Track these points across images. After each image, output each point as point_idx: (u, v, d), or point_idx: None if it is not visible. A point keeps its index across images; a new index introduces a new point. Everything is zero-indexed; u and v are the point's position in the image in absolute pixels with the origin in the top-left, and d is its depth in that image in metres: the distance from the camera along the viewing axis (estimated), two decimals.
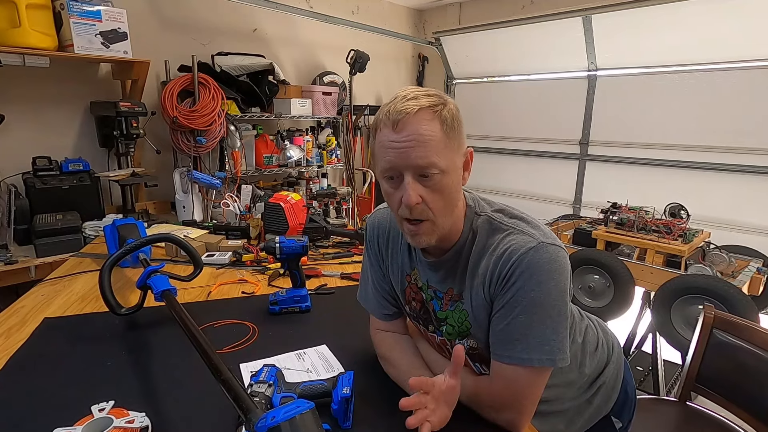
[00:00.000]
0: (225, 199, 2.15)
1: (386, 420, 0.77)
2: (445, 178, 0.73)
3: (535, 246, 0.72)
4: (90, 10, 2.17)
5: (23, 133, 2.36)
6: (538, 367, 0.72)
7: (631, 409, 1.02)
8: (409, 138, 0.71)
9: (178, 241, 1.32)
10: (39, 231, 2.01)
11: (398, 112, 0.71)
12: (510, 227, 0.77)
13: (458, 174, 0.76)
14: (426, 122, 0.71)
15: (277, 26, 3.40)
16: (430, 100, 0.72)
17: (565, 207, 3.60)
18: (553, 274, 0.72)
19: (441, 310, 0.85)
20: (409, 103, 0.72)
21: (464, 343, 0.83)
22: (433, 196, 0.73)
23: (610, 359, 0.97)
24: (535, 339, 0.71)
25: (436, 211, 0.74)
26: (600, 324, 1.01)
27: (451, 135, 0.73)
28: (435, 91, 0.75)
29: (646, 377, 2.29)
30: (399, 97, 0.74)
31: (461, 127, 0.75)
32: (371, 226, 0.96)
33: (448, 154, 0.72)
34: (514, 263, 0.72)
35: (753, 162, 2.68)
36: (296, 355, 0.97)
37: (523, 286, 0.71)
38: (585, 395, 0.94)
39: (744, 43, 2.61)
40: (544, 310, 0.72)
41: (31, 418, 0.75)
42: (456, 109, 0.75)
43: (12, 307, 1.18)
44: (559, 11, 3.12)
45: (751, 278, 2.15)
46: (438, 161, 0.71)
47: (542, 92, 3.65)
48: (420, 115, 0.71)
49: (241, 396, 0.61)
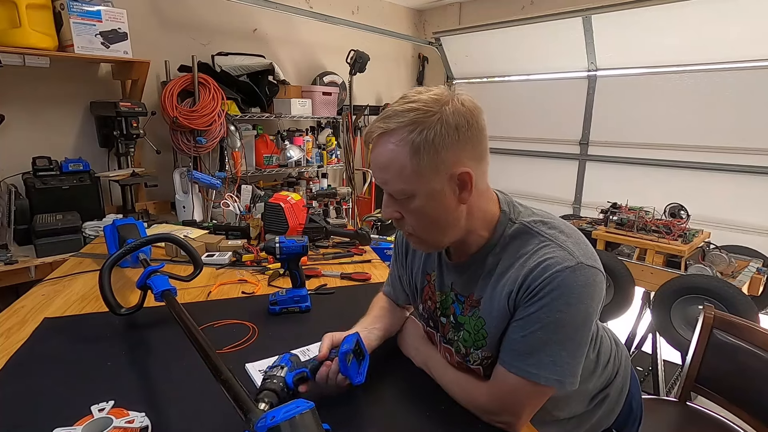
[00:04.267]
0: (225, 199, 2.15)
1: (387, 419, 0.77)
2: (418, 201, 0.70)
3: (573, 266, 0.68)
4: (90, 10, 2.17)
5: (23, 133, 2.36)
6: (543, 385, 0.69)
7: (636, 424, 0.99)
8: (375, 161, 0.71)
9: (178, 241, 1.32)
10: (39, 231, 2.01)
11: (369, 132, 0.71)
12: (548, 238, 0.72)
13: (442, 197, 0.70)
14: (390, 148, 0.68)
15: (277, 26, 3.40)
16: (402, 120, 0.67)
17: (565, 207, 3.60)
18: (584, 298, 0.68)
19: (462, 315, 0.82)
20: (378, 123, 0.69)
21: (479, 354, 0.80)
22: (411, 217, 0.72)
23: (618, 372, 0.94)
24: (549, 357, 0.69)
25: (418, 229, 0.73)
26: (613, 336, 0.98)
27: (424, 159, 0.67)
28: (422, 105, 0.67)
29: (646, 377, 2.28)
30: (382, 111, 0.71)
31: (451, 145, 0.67)
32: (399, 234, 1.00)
33: (416, 180, 0.68)
34: (547, 279, 0.68)
35: (753, 162, 2.67)
36: (301, 352, 0.97)
37: (550, 304, 0.68)
38: (587, 407, 0.91)
39: (744, 43, 2.60)
40: (565, 333, 0.69)
41: (31, 418, 0.75)
42: (448, 123, 0.67)
43: (12, 307, 1.18)
44: (559, 11, 3.12)
45: (751, 278, 2.15)
46: (405, 188, 0.69)
47: (542, 92, 3.65)
48: (384, 138, 0.69)
49: (241, 396, 0.61)
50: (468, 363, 0.83)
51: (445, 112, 0.67)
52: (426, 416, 0.77)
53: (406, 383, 0.86)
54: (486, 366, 0.80)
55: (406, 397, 0.83)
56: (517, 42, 3.57)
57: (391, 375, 0.88)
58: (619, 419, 0.96)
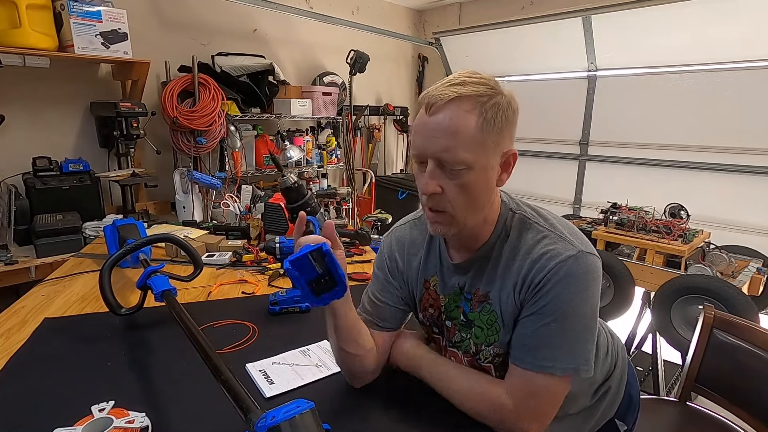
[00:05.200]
0: (225, 199, 2.16)
1: (387, 419, 0.77)
2: (472, 175, 0.68)
3: (575, 255, 0.69)
4: (90, 11, 2.17)
5: (23, 133, 2.36)
6: (561, 376, 0.70)
7: (635, 411, 1.01)
8: (439, 126, 0.66)
9: (178, 242, 1.32)
10: (39, 231, 2.01)
11: (435, 96, 0.67)
12: (547, 230, 0.74)
13: (491, 174, 0.71)
14: (461, 113, 0.66)
15: (277, 26, 3.40)
16: (477, 89, 0.67)
17: (565, 207, 3.60)
18: (590, 284, 0.70)
19: (471, 312, 0.81)
20: (451, 88, 0.67)
21: (490, 350, 0.80)
22: (455, 191, 0.69)
23: (617, 364, 0.96)
24: (564, 348, 0.69)
25: (456, 206, 0.70)
26: (608, 329, 1.00)
27: (488, 131, 0.67)
28: (490, 80, 0.69)
29: (646, 377, 2.28)
30: (447, 79, 0.69)
31: (508, 126, 0.69)
32: (387, 244, 0.92)
33: (480, 151, 0.67)
34: (551, 270, 0.69)
35: (753, 162, 2.68)
36: (301, 351, 0.98)
37: (560, 295, 0.69)
38: (592, 400, 0.93)
39: (744, 43, 2.60)
40: (577, 320, 0.70)
41: (31, 418, 0.75)
42: (508, 104, 0.69)
43: (12, 308, 1.18)
44: (559, 11, 3.12)
45: (751, 278, 2.15)
46: (466, 157, 0.66)
47: (542, 92, 3.65)
48: (456, 103, 0.66)
49: (241, 396, 0.61)
50: (479, 361, 0.82)
51: (506, 93, 0.70)
52: (426, 416, 0.77)
53: (406, 383, 0.86)
54: (497, 365, 0.80)
55: (406, 397, 0.82)
56: (517, 42, 3.57)
57: (390, 375, 0.88)
58: (620, 409, 0.98)
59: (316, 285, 0.67)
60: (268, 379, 0.87)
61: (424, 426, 0.75)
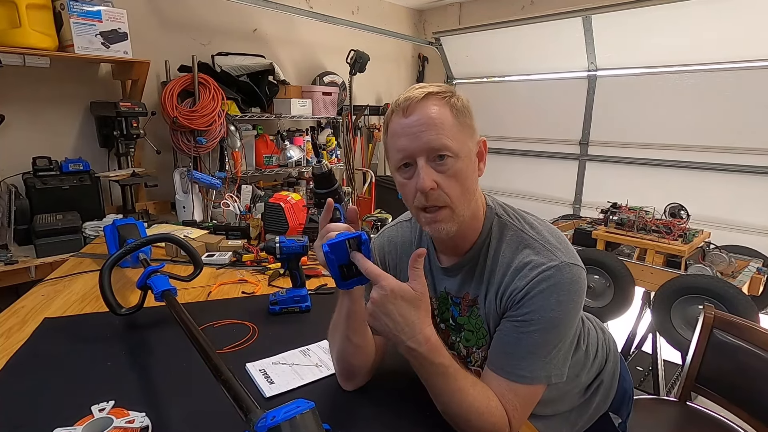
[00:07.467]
0: (225, 199, 2.16)
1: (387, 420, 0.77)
2: (459, 162, 0.72)
3: (558, 265, 0.71)
4: (90, 11, 2.17)
5: (23, 133, 2.36)
6: (536, 384, 0.72)
7: (629, 404, 1.02)
8: (420, 121, 0.71)
9: (178, 241, 1.32)
10: (39, 231, 2.01)
11: (407, 98, 0.72)
12: (531, 238, 0.75)
13: (472, 161, 0.75)
14: (435, 106, 0.71)
15: (277, 26, 3.40)
16: (439, 87, 0.74)
17: (565, 207, 3.60)
18: (573, 295, 0.71)
19: (460, 316, 0.83)
20: (418, 90, 0.73)
21: (479, 354, 0.81)
22: (449, 182, 0.72)
23: (609, 359, 0.97)
24: (543, 358, 0.71)
25: (453, 197, 0.72)
26: (598, 324, 1.01)
27: (461, 120, 0.73)
28: (444, 85, 0.77)
29: (646, 377, 2.28)
30: (409, 89, 0.75)
31: (472, 117, 0.75)
32: (378, 246, 0.93)
33: (461, 138, 0.72)
34: (534, 279, 0.70)
35: (753, 162, 2.67)
36: (301, 351, 0.98)
37: (543, 305, 0.70)
38: (585, 396, 0.94)
39: (744, 43, 2.60)
40: (558, 331, 0.71)
41: (32, 418, 0.75)
42: (467, 100, 0.76)
43: (12, 307, 1.18)
44: (559, 11, 3.12)
45: (751, 278, 2.15)
46: (450, 144, 0.70)
47: (542, 92, 3.65)
48: (429, 99, 0.72)
49: (241, 396, 0.61)
50: (469, 364, 0.84)
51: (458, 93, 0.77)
52: (426, 416, 0.77)
53: (406, 383, 0.86)
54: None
55: (406, 397, 0.82)
56: (517, 42, 3.57)
57: (390, 375, 0.88)
58: (614, 402, 0.99)
59: (347, 270, 0.70)
60: (268, 379, 0.87)
61: (424, 426, 0.75)
